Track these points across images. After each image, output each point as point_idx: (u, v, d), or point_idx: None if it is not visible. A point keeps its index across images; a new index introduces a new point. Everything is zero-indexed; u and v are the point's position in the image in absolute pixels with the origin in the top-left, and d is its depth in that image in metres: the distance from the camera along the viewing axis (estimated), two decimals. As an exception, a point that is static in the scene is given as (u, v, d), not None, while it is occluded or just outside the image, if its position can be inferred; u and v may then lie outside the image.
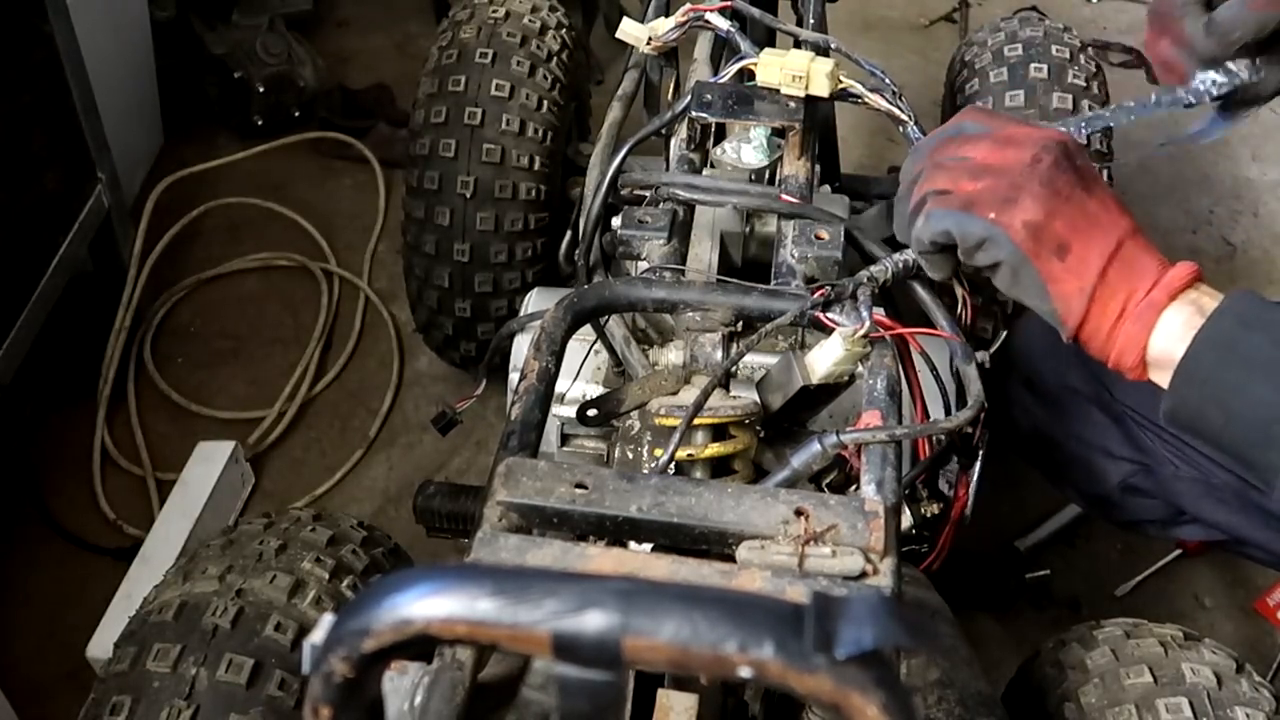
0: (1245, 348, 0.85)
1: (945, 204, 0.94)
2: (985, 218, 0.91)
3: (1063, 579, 1.93)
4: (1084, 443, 1.40)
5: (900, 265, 1.04)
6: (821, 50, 1.34)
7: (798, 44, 1.38)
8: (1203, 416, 0.88)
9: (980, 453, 1.09)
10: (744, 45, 1.25)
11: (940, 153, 0.97)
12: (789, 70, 1.17)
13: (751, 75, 1.21)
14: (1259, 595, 1.92)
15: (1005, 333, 1.20)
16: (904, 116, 1.17)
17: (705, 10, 1.31)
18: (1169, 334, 0.89)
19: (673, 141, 1.34)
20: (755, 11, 1.34)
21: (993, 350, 1.12)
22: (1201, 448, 1.32)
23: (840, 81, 1.18)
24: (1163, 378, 0.91)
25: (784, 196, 1.19)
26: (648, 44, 1.35)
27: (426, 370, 2.26)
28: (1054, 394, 1.41)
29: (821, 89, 1.17)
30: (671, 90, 1.48)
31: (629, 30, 1.35)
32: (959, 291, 1.09)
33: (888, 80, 1.18)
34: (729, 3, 1.32)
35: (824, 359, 1.02)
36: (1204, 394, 0.87)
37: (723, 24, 1.31)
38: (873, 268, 1.04)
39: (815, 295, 1.01)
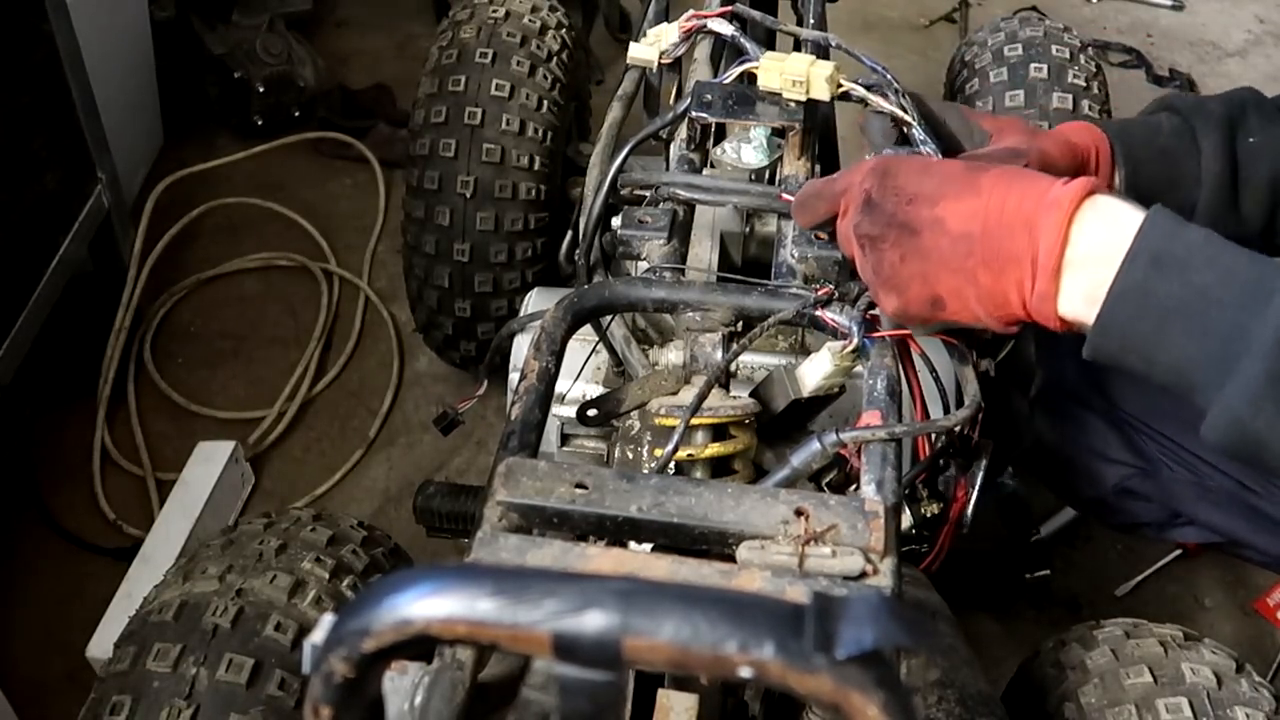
0: (1159, 297, 0.82)
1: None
2: (884, 310, 0.96)
3: (1063, 579, 1.93)
4: (1080, 446, 1.40)
5: None
6: (822, 50, 1.33)
7: (797, 44, 1.38)
8: (1124, 363, 0.86)
9: (982, 460, 1.09)
10: (749, 48, 1.25)
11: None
12: (789, 75, 1.17)
13: (753, 77, 1.21)
14: (1259, 595, 1.92)
15: (1011, 342, 1.20)
16: (908, 117, 1.17)
17: (708, 16, 1.31)
18: (1072, 305, 0.86)
19: (673, 141, 1.34)
20: (756, 14, 1.34)
21: (999, 358, 1.12)
22: (1199, 451, 1.32)
23: (841, 84, 1.18)
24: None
25: (784, 196, 1.18)
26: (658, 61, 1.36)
27: (426, 370, 2.26)
28: (1050, 398, 1.41)
29: (822, 93, 1.17)
30: (673, 89, 1.48)
31: (638, 55, 1.36)
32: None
33: (890, 77, 1.17)
34: (730, 8, 1.32)
35: (813, 373, 1.03)
36: (1123, 345, 0.85)
37: (726, 29, 1.31)
38: None
39: (820, 293, 1.01)
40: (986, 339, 1.09)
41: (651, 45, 1.36)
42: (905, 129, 1.16)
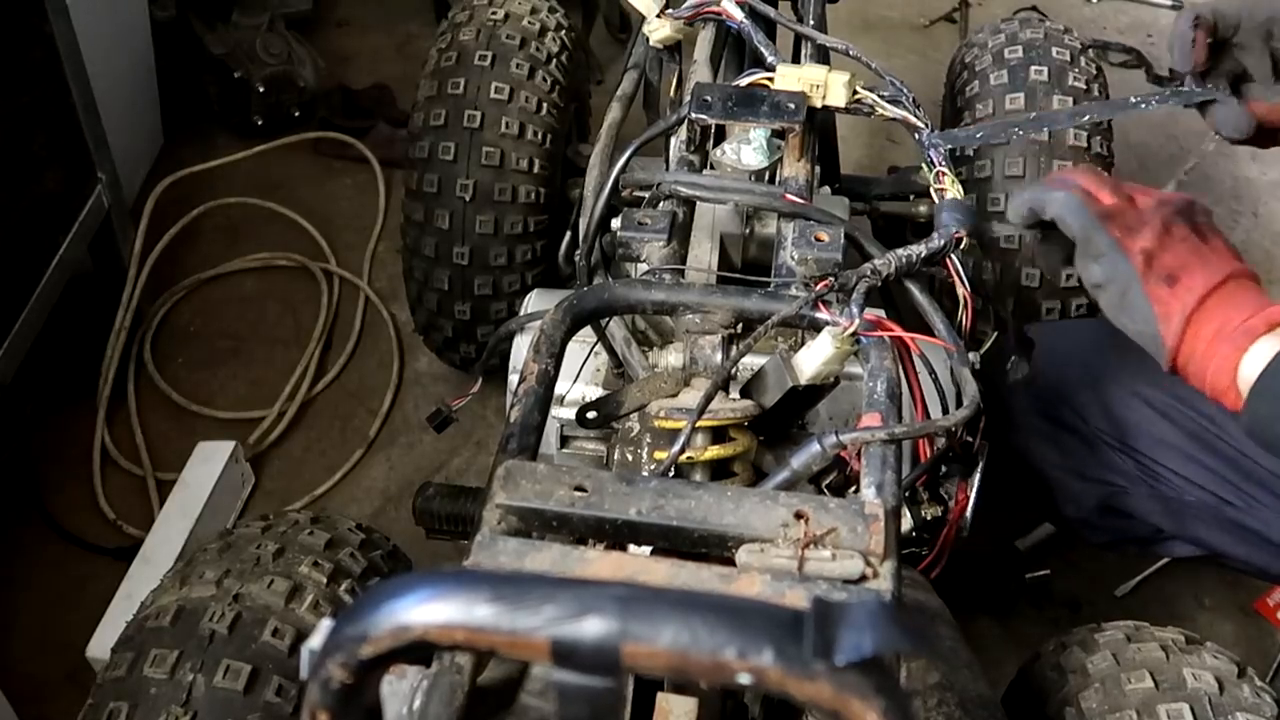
0: None
1: (1086, 202, 1.01)
2: (1111, 235, 1.00)
3: (1063, 579, 1.93)
4: (1059, 467, 1.42)
5: (904, 262, 1.04)
6: (824, 54, 1.34)
7: (796, 44, 1.38)
8: (1274, 431, 0.91)
9: (980, 462, 1.09)
10: (768, 54, 1.25)
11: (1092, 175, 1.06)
12: (808, 80, 1.18)
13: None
14: (1259, 595, 1.92)
15: (995, 334, 1.20)
16: (919, 123, 1.16)
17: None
18: (1260, 360, 0.92)
19: (672, 142, 1.34)
20: (771, 11, 1.34)
21: (984, 350, 1.12)
22: (1177, 468, 1.33)
23: (857, 92, 1.19)
24: None
25: (788, 196, 1.18)
26: (658, 14, 1.36)
27: (426, 370, 2.25)
28: (1029, 421, 1.42)
29: (839, 99, 1.18)
30: (672, 88, 1.47)
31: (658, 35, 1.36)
32: (960, 292, 1.09)
33: (905, 90, 1.18)
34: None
35: (813, 359, 1.02)
36: (1276, 410, 0.89)
37: (738, 14, 1.31)
38: (875, 261, 1.04)
39: (819, 286, 1.01)
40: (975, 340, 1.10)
41: (655, 31, 1.37)
42: (915, 135, 1.16)
